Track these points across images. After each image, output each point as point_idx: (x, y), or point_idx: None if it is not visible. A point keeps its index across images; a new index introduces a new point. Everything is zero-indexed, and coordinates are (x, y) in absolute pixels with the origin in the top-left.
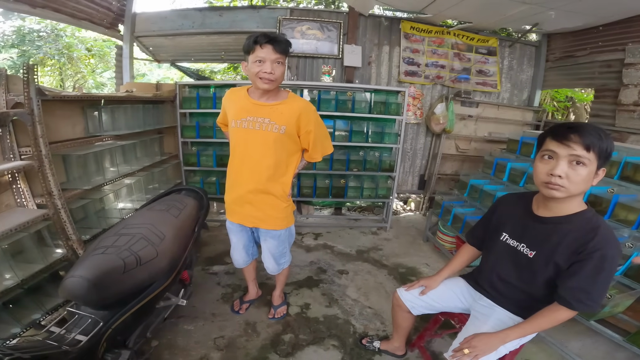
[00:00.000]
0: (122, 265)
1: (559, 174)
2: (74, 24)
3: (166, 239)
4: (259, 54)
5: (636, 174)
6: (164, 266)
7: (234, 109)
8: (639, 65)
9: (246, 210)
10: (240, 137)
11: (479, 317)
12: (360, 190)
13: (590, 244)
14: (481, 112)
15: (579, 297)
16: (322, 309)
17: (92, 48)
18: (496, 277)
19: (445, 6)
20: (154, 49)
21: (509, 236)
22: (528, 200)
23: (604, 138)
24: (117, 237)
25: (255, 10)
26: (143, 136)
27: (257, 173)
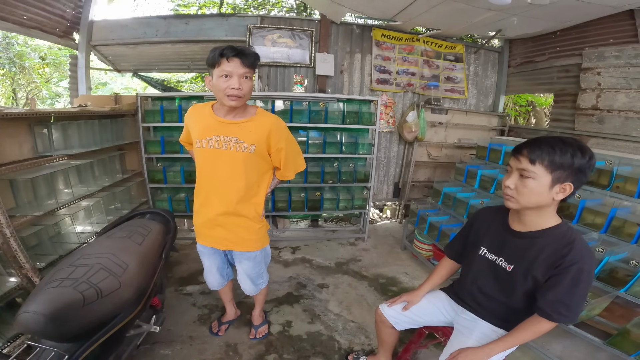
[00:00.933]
0: (81, 299)
1: (507, 185)
2: (22, 32)
3: (129, 268)
4: (226, 68)
5: (600, 178)
6: (130, 296)
7: (198, 127)
8: (595, 69)
9: (217, 233)
10: (207, 158)
11: (463, 330)
12: (336, 201)
13: (567, 257)
14: (450, 118)
15: (558, 309)
16: (304, 326)
17: (47, 56)
18: (477, 291)
19: (415, 14)
20: (113, 58)
21: (487, 250)
22: (504, 215)
23: (561, 151)
24: (74, 269)
25: (224, 18)
26: (101, 154)
27: (226, 195)
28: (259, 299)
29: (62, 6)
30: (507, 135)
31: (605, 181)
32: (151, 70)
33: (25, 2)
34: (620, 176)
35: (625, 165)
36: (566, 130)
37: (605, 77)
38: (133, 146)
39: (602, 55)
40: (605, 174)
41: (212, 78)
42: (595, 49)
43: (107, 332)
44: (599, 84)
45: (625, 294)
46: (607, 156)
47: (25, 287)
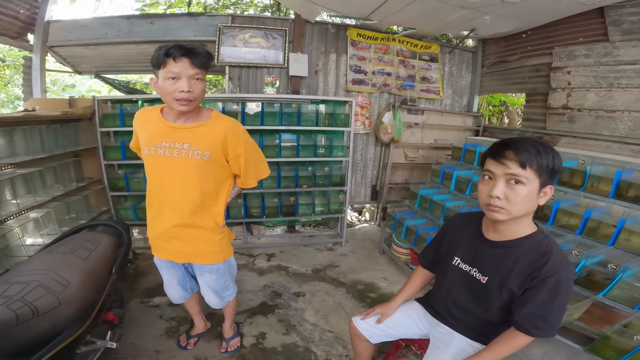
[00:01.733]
0: (14, 317)
1: (497, 195)
2: None
3: (70, 285)
4: (173, 69)
5: (573, 179)
6: (71, 314)
7: (146, 133)
8: (565, 68)
9: (174, 246)
10: (156, 166)
11: (439, 345)
12: (312, 206)
13: (543, 269)
14: (426, 119)
15: (536, 323)
16: (279, 337)
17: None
18: (451, 303)
19: (390, 12)
20: (72, 59)
21: (460, 260)
22: (478, 222)
23: (544, 153)
24: (8, 287)
25: (192, 17)
26: (51, 161)
27: (179, 206)
28: (228, 311)
29: (16, 7)
30: (482, 135)
31: (578, 181)
32: (115, 72)
33: None
34: (594, 176)
35: (599, 165)
36: (538, 130)
37: (575, 76)
38: (91, 152)
39: (572, 54)
40: (578, 174)
41: (157, 79)
42: (565, 47)
43: (50, 350)
44: (569, 83)
45: (604, 298)
46: (579, 156)
47: None
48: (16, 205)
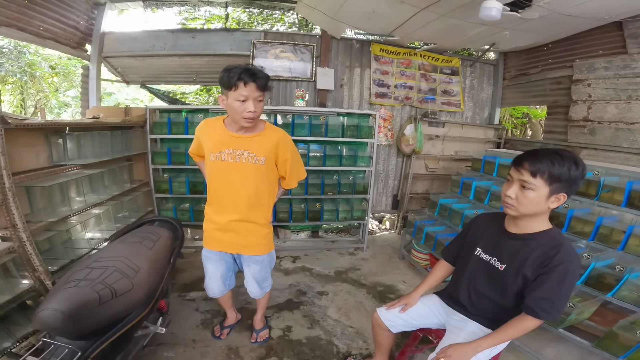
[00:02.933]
0: (97, 298)
1: (508, 195)
2: (38, 43)
3: (141, 271)
4: (243, 92)
5: (588, 188)
6: (141, 297)
7: (211, 141)
8: (586, 81)
9: (229, 238)
10: (221, 170)
11: (453, 330)
12: (335, 213)
13: (555, 258)
14: (447, 131)
15: (544, 306)
16: (304, 331)
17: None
18: (472, 290)
19: (412, 29)
20: (122, 70)
21: (482, 251)
22: (502, 219)
23: (559, 165)
24: (89, 270)
25: (229, 32)
26: (111, 164)
27: (239, 203)
28: (262, 303)
29: (76, 17)
30: (503, 147)
31: (593, 191)
32: (158, 83)
33: (42, 14)
34: (608, 186)
35: (613, 176)
36: (559, 142)
37: (596, 88)
38: (140, 157)
39: (592, 66)
40: (593, 184)
41: (226, 98)
42: (586, 60)
43: (118, 330)
44: (590, 96)
45: (612, 298)
46: (594, 167)
47: (38, 290)
48: (83, 202)
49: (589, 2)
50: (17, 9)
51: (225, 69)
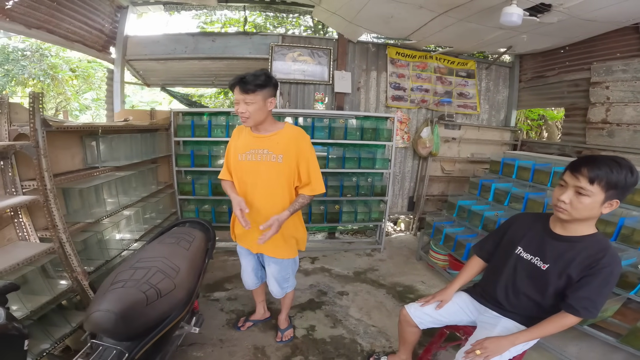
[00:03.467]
0: (145, 299)
1: (562, 199)
2: (67, 46)
3: (181, 271)
4: (235, 97)
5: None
6: (182, 297)
7: (239, 143)
8: (604, 83)
9: (251, 236)
10: (245, 169)
11: (486, 326)
12: (354, 214)
13: (601, 261)
14: (463, 134)
15: (586, 305)
16: (327, 330)
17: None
18: (510, 288)
19: (429, 33)
20: (144, 72)
21: (523, 250)
22: (546, 220)
23: (617, 173)
24: (134, 271)
25: (247, 36)
26: (140, 166)
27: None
28: (286, 303)
29: (101, 20)
30: (520, 149)
31: None
32: (177, 85)
33: (70, 16)
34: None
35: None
36: (578, 144)
37: (614, 91)
38: (164, 159)
39: (610, 69)
40: None
41: None
42: (603, 63)
43: (161, 330)
44: (608, 98)
45: (635, 296)
46: None
47: (75, 290)
48: (116, 203)
49: (608, 7)
50: (46, 10)
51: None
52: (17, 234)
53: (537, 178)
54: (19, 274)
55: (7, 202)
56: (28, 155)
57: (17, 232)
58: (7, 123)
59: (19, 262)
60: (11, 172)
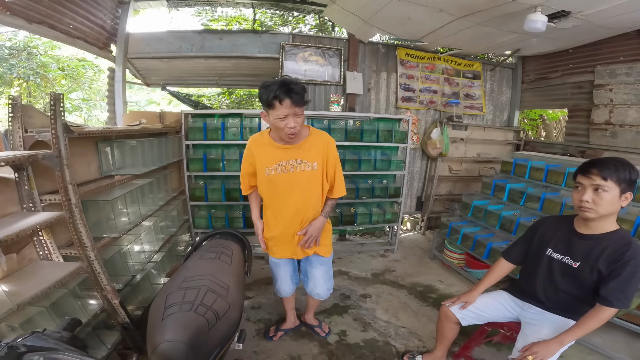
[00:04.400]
0: (206, 323)
1: (586, 200)
2: (68, 42)
3: (231, 289)
4: (283, 111)
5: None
6: (237, 316)
7: (265, 157)
8: (607, 86)
9: (294, 245)
10: (276, 182)
11: (534, 322)
12: (368, 216)
13: (626, 254)
14: (470, 134)
15: (618, 296)
16: (359, 334)
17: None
18: (548, 286)
19: (443, 36)
20: (145, 72)
21: (553, 251)
22: (570, 221)
23: (622, 169)
24: (183, 292)
25: (256, 34)
26: (157, 173)
27: (301, 211)
28: (316, 304)
29: (103, 16)
30: (523, 149)
31: None
32: (179, 85)
33: (72, 10)
34: None
35: None
36: (581, 144)
37: (617, 93)
38: (174, 164)
39: (614, 72)
40: None
41: (267, 115)
42: (607, 66)
43: (218, 354)
44: (611, 100)
45: None
46: None
47: (107, 310)
48: (137, 214)
49: (622, 15)
50: (48, 4)
51: (263, 85)
52: (38, 252)
53: (551, 178)
54: (53, 297)
55: (29, 220)
56: (46, 166)
57: (38, 251)
58: (22, 129)
59: (50, 286)
60: (28, 185)
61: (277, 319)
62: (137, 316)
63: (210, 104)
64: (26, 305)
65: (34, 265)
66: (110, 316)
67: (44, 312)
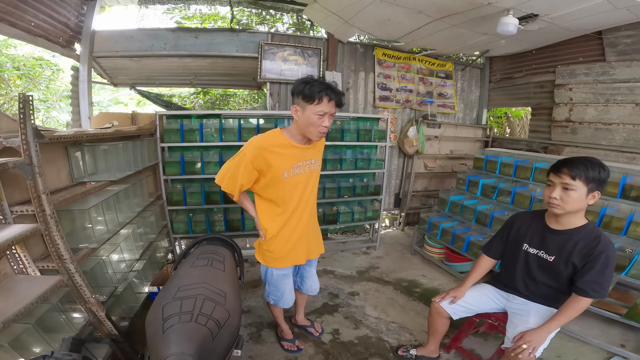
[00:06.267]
0: (209, 333)
1: (554, 197)
2: (29, 40)
3: (228, 295)
4: (324, 107)
5: None
6: (237, 323)
7: (285, 159)
8: (567, 86)
9: (302, 249)
10: (293, 185)
11: (520, 313)
12: (350, 215)
13: (597, 248)
14: (443, 132)
15: (593, 287)
16: (352, 332)
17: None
18: (527, 279)
19: (419, 36)
20: (112, 71)
21: (529, 245)
22: (542, 216)
23: (591, 169)
24: (180, 302)
25: (234, 33)
26: (132, 178)
27: (310, 210)
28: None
29: (67, 14)
30: (491, 145)
31: None
32: (150, 85)
33: (35, 8)
34: None
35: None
36: (544, 140)
37: (577, 92)
38: (149, 168)
39: (573, 72)
40: None
41: (301, 109)
42: (567, 66)
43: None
44: (571, 99)
45: (625, 277)
46: None
47: (93, 323)
48: (115, 222)
49: (585, 18)
50: (9, 1)
51: (304, 80)
52: (12, 267)
53: (520, 173)
54: (37, 313)
55: (2, 235)
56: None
57: (12, 265)
58: None
59: (33, 301)
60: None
61: (268, 322)
62: (125, 327)
63: (183, 104)
64: (10, 322)
65: (9, 281)
66: (97, 329)
67: (31, 329)
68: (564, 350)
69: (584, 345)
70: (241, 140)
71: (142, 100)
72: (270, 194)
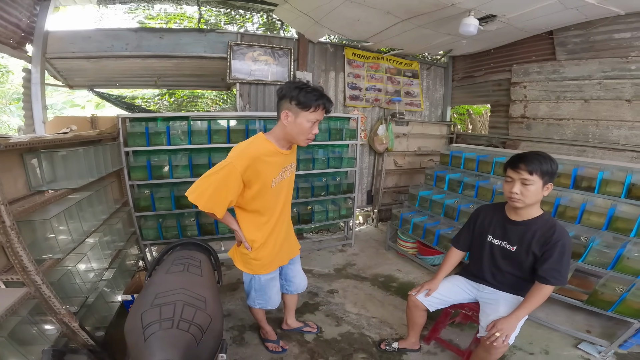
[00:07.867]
0: (192, 338)
1: (515, 192)
2: None
3: (207, 300)
4: (318, 115)
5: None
6: (220, 327)
7: (271, 169)
8: (522, 83)
9: (284, 251)
10: (279, 191)
11: (490, 302)
12: (325, 213)
13: (553, 236)
14: (411, 129)
15: (553, 275)
16: (334, 329)
17: None
18: (494, 269)
19: (387, 36)
20: (67, 72)
21: (493, 237)
22: (502, 209)
23: (544, 163)
24: (159, 309)
25: (202, 33)
26: (96, 185)
27: (288, 214)
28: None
29: (18, 14)
30: (456, 141)
31: None
32: (110, 87)
33: None
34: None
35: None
36: (502, 135)
37: (530, 90)
38: (113, 174)
39: (527, 71)
40: None
41: (293, 115)
42: (522, 65)
43: None
44: (526, 96)
45: (582, 264)
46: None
47: (67, 334)
48: (80, 231)
49: (539, 18)
50: None
51: (297, 86)
52: None
53: (482, 168)
54: (8, 326)
55: None
56: None
57: None
58: None
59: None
60: None
61: (250, 324)
62: (101, 337)
63: (147, 106)
64: None
65: None
66: (73, 340)
67: (5, 343)
68: (535, 337)
69: (552, 332)
70: (211, 142)
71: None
72: (256, 205)
